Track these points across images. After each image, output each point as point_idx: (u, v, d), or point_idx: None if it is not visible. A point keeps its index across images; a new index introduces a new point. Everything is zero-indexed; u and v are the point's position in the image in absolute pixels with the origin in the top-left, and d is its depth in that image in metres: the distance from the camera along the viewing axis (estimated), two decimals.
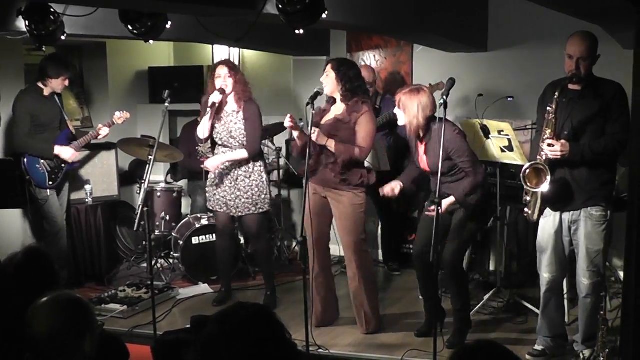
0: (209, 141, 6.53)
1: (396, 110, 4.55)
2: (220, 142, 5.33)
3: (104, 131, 5.79)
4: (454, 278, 4.66)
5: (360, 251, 4.84)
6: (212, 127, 5.29)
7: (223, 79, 5.20)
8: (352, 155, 4.67)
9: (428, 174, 4.62)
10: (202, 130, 5.29)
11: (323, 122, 4.83)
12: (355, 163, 4.74)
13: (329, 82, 4.77)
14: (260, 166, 5.35)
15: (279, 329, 2.02)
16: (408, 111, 4.45)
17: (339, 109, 4.81)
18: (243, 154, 5.24)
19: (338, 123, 4.76)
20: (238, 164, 5.28)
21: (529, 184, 4.11)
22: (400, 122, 4.57)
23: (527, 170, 4.10)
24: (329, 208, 4.87)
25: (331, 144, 4.69)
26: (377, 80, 6.44)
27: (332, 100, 4.87)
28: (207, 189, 5.48)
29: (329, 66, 4.82)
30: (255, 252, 5.73)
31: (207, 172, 5.55)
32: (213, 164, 5.29)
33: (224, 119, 5.29)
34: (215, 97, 5.17)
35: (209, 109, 5.19)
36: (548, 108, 4.09)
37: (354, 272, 4.86)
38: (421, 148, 4.59)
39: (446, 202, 4.41)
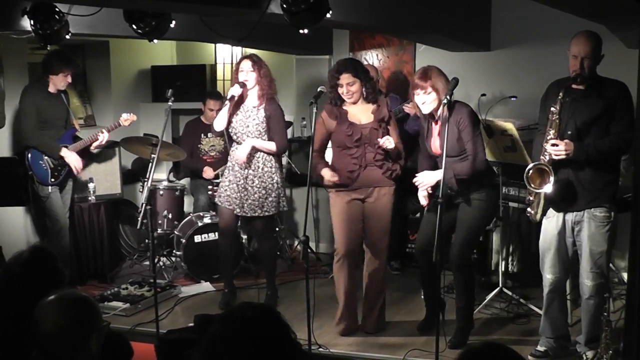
0: (214, 138, 6.59)
1: (420, 97, 4.46)
2: (235, 138, 5.28)
3: (101, 136, 5.75)
4: (461, 273, 4.65)
5: (386, 250, 4.92)
6: (229, 121, 5.23)
7: (245, 72, 5.17)
8: (403, 154, 4.87)
9: (437, 158, 4.55)
10: (219, 123, 5.22)
11: (359, 123, 4.74)
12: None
13: (356, 89, 4.70)
14: (271, 167, 5.26)
15: (284, 329, 2.02)
16: (441, 88, 4.41)
17: (364, 108, 4.77)
18: (272, 146, 5.20)
19: (382, 123, 4.76)
20: (248, 163, 5.21)
21: (532, 185, 4.11)
22: (428, 108, 4.47)
23: (530, 171, 4.10)
24: (362, 214, 4.84)
25: (391, 145, 4.68)
26: (380, 79, 6.44)
27: (338, 101, 4.76)
28: (223, 183, 5.39)
29: (350, 75, 4.67)
30: (259, 252, 5.71)
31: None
32: (241, 153, 5.15)
33: (242, 114, 5.24)
34: (234, 90, 5.14)
35: (227, 102, 5.18)
36: (552, 109, 4.09)
37: (377, 271, 4.88)
38: (435, 129, 4.56)
39: (434, 177, 4.45)
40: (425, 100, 4.46)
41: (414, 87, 4.52)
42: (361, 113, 4.78)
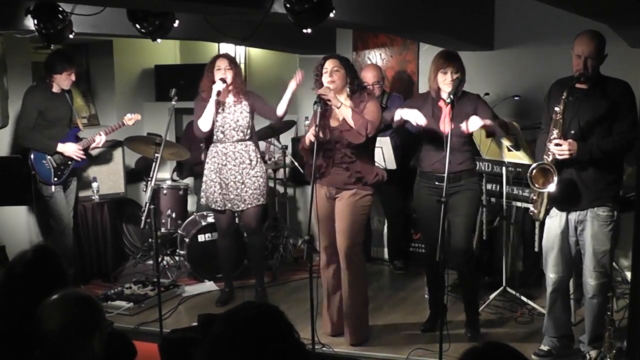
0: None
1: (448, 76, 4.50)
2: (221, 136, 5.30)
3: (98, 139, 5.76)
4: (468, 265, 4.64)
5: (355, 256, 4.65)
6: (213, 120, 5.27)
7: (223, 70, 5.21)
8: (364, 125, 4.44)
9: (445, 137, 4.42)
10: (206, 122, 5.23)
11: (334, 124, 4.62)
12: (369, 158, 4.67)
13: (339, 78, 4.55)
14: (257, 157, 5.38)
15: (287, 328, 2.02)
16: (463, 69, 4.55)
17: (346, 110, 4.53)
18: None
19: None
20: (241, 157, 5.27)
21: (535, 185, 4.11)
22: (449, 87, 4.48)
23: (534, 171, 4.09)
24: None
25: (347, 111, 4.46)
26: (384, 79, 6.44)
27: (323, 103, 4.53)
28: (207, 189, 5.40)
29: (336, 62, 4.57)
30: (250, 247, 5.69)
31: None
32: (283, 106, 5.25)
33: (226, 110, 5.29)
34: (218, 86, 5.17)
35: (213, 99, 5.17)
36: (556, 108, 4.08)
37: (346, 278, 4.68)
38: (445, 109, 4.48)
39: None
40: (454, 78, 4.49)
41: (440, 66, 4.52)
42: (345, 112, 4.55)
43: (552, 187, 4.05)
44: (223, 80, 5.18)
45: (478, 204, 4.81)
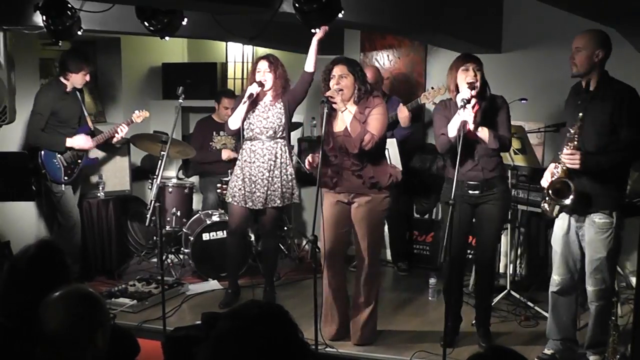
0: (226, 137, 6.57)
1: (470, 76, 4.35)
2: (250, 134, 5.25)
3: (121, 130, 5.78)
4: (491, 275, 4.62)
5: (376, 259, 4.70)
6: (244, 119, 5.23)
7: (262, 73, 5.21)
8: (361, 137, 4.40)
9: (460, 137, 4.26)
10: (235, 121, 5.21)
11: (336, 129, 4.56)
12: (380, 160, 4.59)
13: (346, 86, 4.49)
14: (287, 159, 5.31)
15: (291, 327, 2.02)
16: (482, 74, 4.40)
17: (349, 116, 4.48)
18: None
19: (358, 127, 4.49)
20: (269, 155, 5.22)
21: (553, 196, 4.08)
22: (467, 94, 4.32)
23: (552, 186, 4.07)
24: (349, 218, 4.66)
25: (349, 117, 4.40)
26: (385, 80, 6.43)
27: (328, 105, 4.46)
28: (230, 183, 5.37)
29: (344, 68, 4.49)
30: (264, 249, 5.70)
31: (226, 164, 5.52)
32: (310, 62, 5.20)
33: (260, 110, 5.26)
34: (253, 88, 5.16)
35: (246, 99, 5.16)
36: (571, 129, 4.03)
37: (362, 280, 4.67)
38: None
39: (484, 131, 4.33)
40: (472, 80, 4.34)
41: (460, 64, 4.40)
42: (347, 119, 4.49)
43: (568, 201, 4.02)
44: (260, 83, 5.18)
45: (507, 212, 4.71)
